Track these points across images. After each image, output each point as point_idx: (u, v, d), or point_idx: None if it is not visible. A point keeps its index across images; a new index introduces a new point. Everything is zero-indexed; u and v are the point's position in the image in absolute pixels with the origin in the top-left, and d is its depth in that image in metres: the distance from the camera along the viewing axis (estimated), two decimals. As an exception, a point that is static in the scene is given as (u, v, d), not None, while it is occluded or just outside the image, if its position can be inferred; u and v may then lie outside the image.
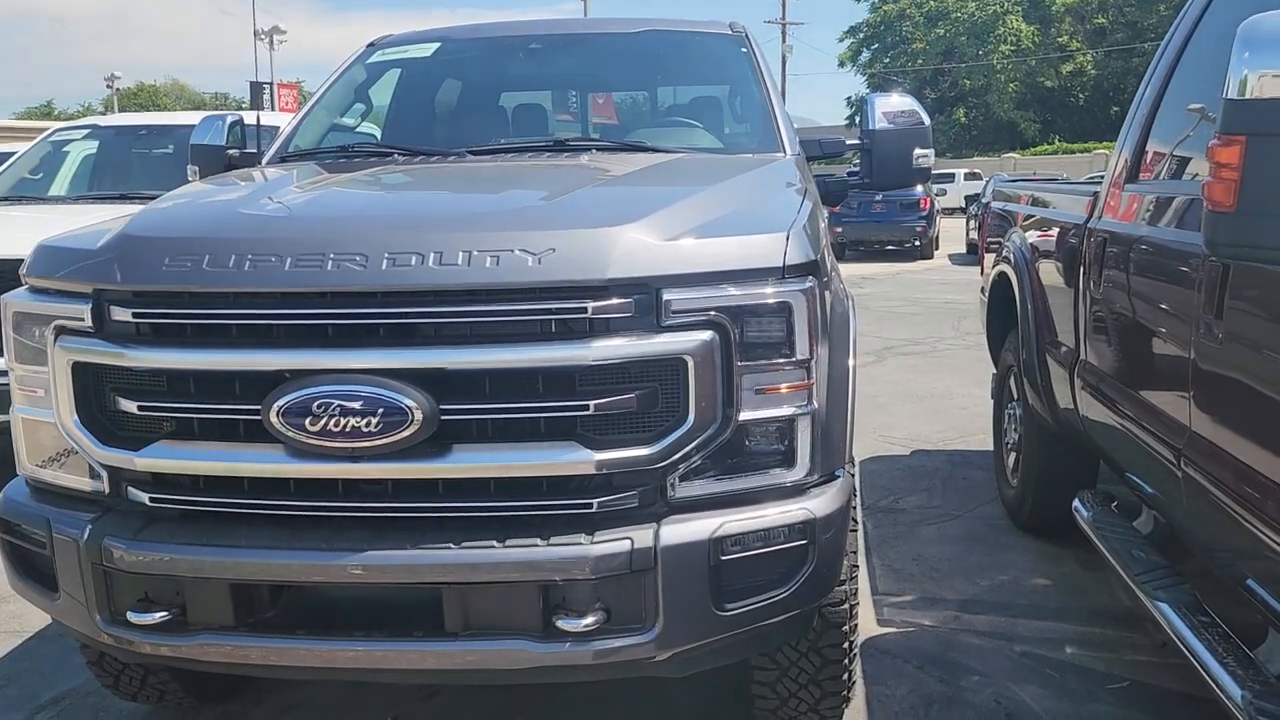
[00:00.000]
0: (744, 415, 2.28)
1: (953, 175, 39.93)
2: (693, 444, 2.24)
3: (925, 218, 22.07)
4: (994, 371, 5.49)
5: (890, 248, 22.17)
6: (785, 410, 2.33)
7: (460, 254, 2.20)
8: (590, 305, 2.18)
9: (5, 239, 5.40)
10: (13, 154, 8.98)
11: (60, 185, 7.51)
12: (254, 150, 4.01)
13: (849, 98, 63.20)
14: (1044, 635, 3.64)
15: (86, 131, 7.63)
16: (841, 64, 59.11)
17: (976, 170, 40.66)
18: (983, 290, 5.67)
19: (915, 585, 4.09)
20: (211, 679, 3.14)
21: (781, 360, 2.31)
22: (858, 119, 3.98)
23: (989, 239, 5.59)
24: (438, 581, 2.20)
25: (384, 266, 2.20)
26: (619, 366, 2.21)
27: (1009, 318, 4.77)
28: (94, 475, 2.40)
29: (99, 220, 2.99)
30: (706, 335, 2.22)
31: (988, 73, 50.72)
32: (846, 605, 2.67)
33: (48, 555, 2.41)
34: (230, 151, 3.95)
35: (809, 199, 2.79)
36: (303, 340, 2.23)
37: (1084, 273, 3.58)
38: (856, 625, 2.76)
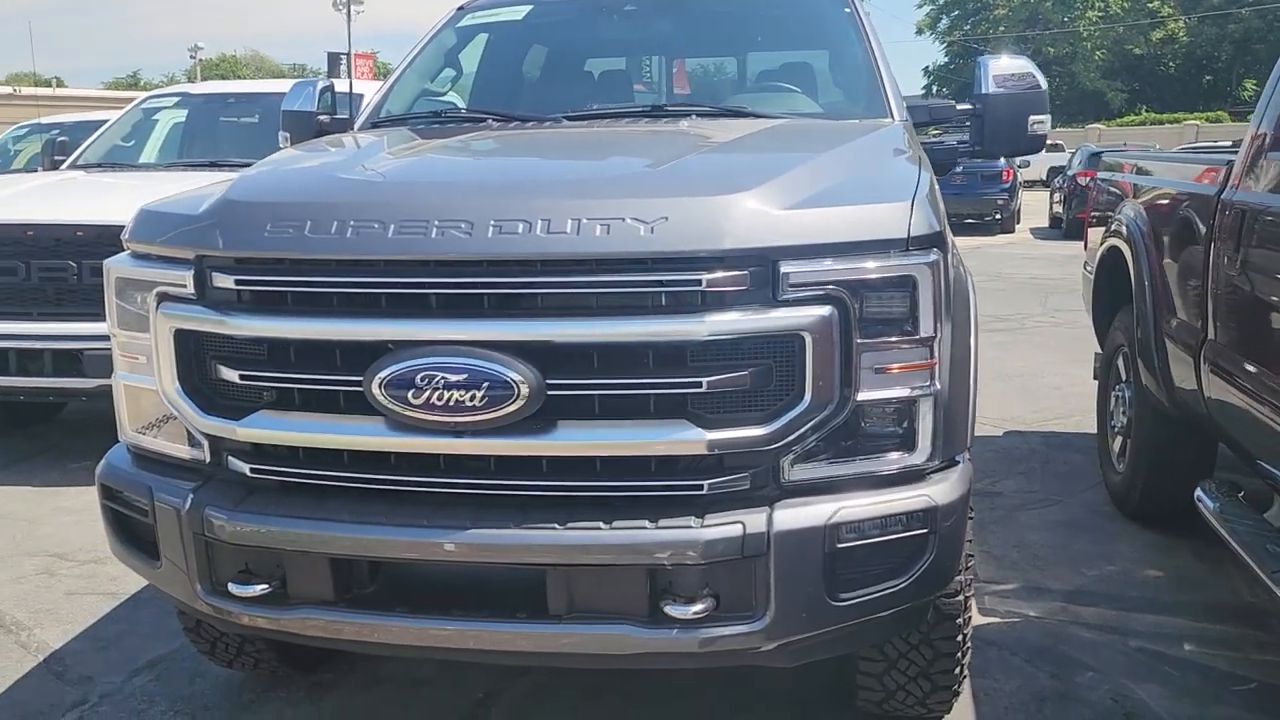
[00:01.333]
0: (862, 395, 2.16)
1: (1035, 146, 38.62)
2: (809, 425, 2.12)
3: (1008, 190, 21.41)
4: (1095, 351, 5.26)
5: (970, 221, 21.54)
6: (906, 391, 2.20)
7: (569, 222, 2.10)
8: (705, 277, 2.06)
9: (107, 205, 5.48)
10: (103, 122, 9.16)
11: (150, 153, 7.61)
12: (344, 116, 3.97)
13: (926, 67, 61.72)
14: (1160, 630, 3.45)
15: (176, 99, 7.72)
16: (920, 31, 57.79)
17: (1059, 142, 39.39)
18: (1086, 265, 5.42)
19: (1018, 573, 3.92)
20: (305, 648, 3.12)
21: (904, 338, 2.18)
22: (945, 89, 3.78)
23: (1096, 212, 5.33)
24: (542, 563, 2.13)
25: (490, 234, 2.11)
26: (733, 342, 2.10)
27: (1120, 295, 4.53)
28: (195, 444, 2.37)
29: (195, 187, 2.96)
30: (825, 310, 2.10)
31: (1073, 40, 49.05)
32: (961, 597, 2.54)
33: (149, 523, 2.39)
34: (321, 117, 3.91)
35: (925, 167, 2.64)
36: (405, 310, 2.16)
37: (1215, 247, 3.35)
38: (970, 618, 2.63)
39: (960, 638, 2.60)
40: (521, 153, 3.01)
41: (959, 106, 3.61)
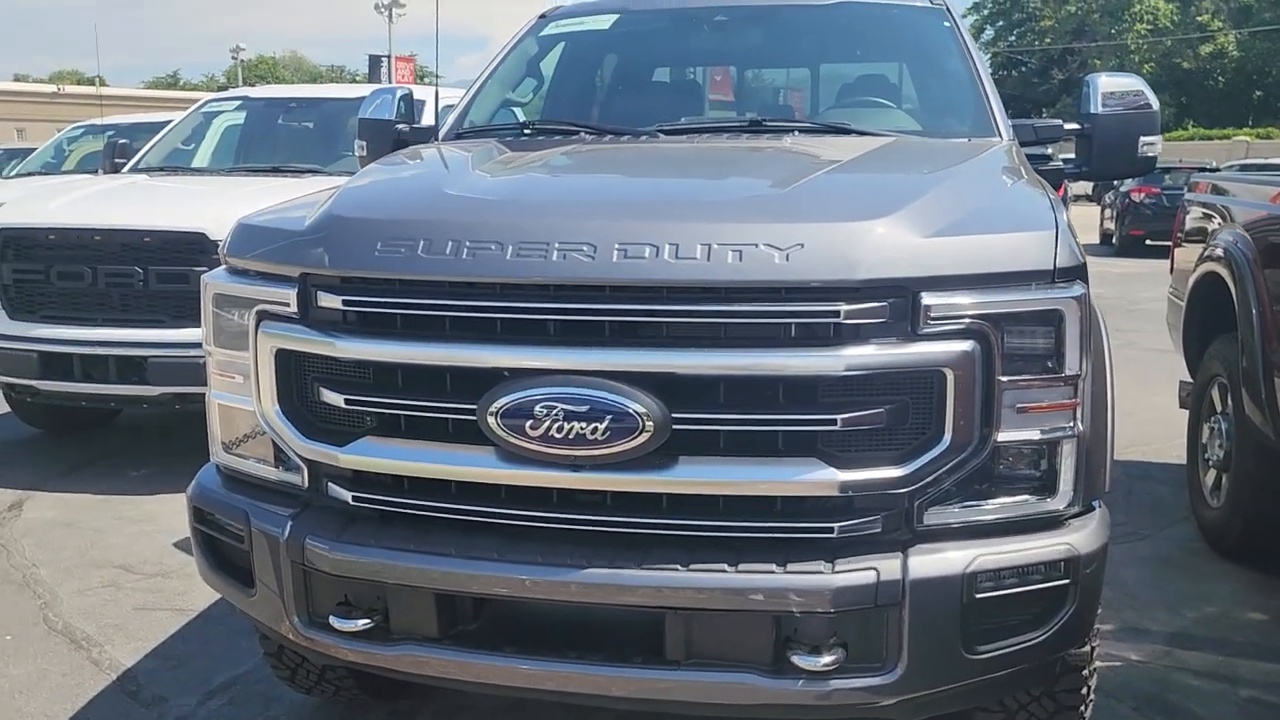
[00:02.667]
0: (1003, 436, 2.03)
1: (1080, 160, 38.11)
2: (947, 466, 2.00)
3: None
4: (1181, 379, 5.07)
5: (1018, 236, 21.19)
6: (1049, 431, 2.07)
7: (699, 247, 1.99)
8: (843, 308, 1.95)
9: (173, 211, 5.45)
10: (157, 124, 9.18)
11: (206, 156, 7.59)
12: (422, 125, 3.89)
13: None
14: (1272, 679, 3.28)
15: (238, 103, 7.69)
16: (963, 42, 57.12)
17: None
18: (1173, 290, 5.24)
19: (1114, 613, 3.75)
20: (385, 677, 3.03)
21: (1048, 376, 2.05)
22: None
23: (1185, 234, 5.14)
24: (662, 605, 2.01)
25: (614, 259, 2.00)
26: (869, 377, 1.98)
27: (1216, 322, 4.36)
28: (292, 468, 2.28)
29: (284, 197, 2.89)
30: (967, 345, 1.97)
31: (1121, 53, 48.38)
32: (1089, 647, 2.40)
33: (244, 550, 2.30)
34: (399, 126, 3.82)
35: (1050, 192, 2.51)
36: (523, 336, 2.06)
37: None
38: (1095, 668, 2.49)
39: (1085, 690, 2.47)
40: (634, 171, 2.90)
41: (1067, 126, 3.46)
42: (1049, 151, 3.58)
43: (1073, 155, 3.50)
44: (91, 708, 3.13)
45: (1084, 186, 33.81)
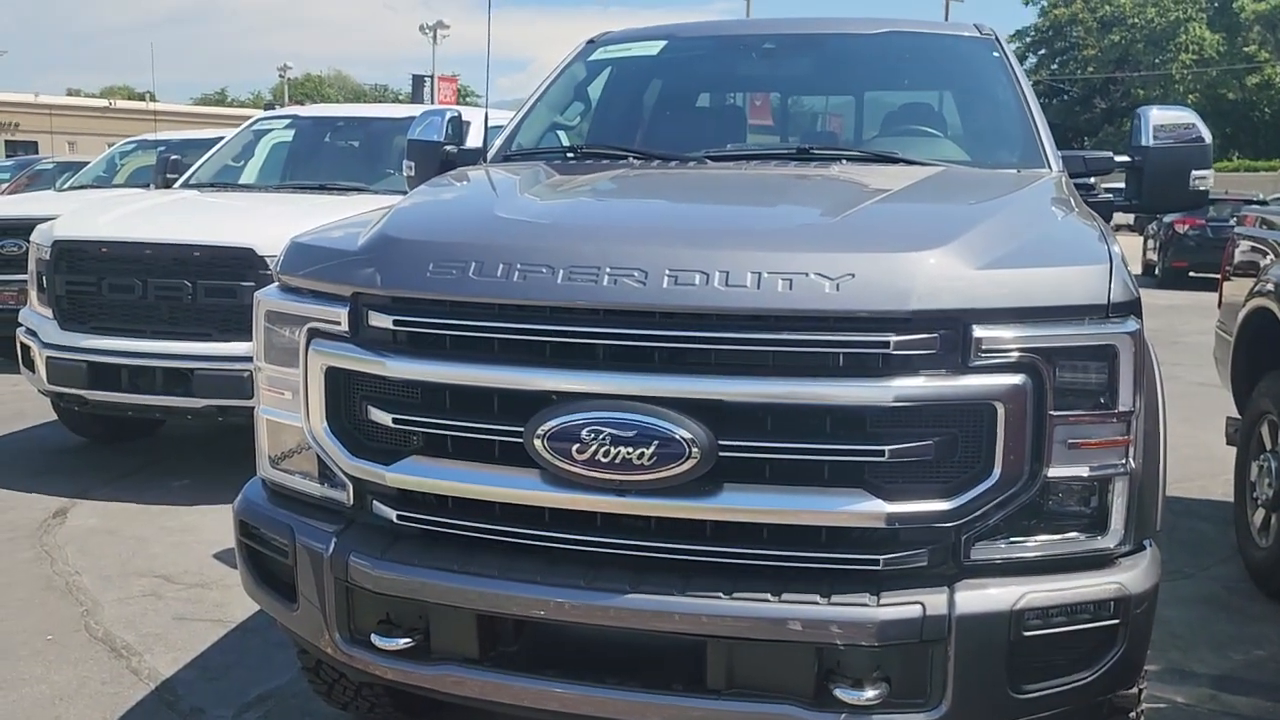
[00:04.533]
0: (1053, 472, 2.01)
1: (1122, 191, 37.72)
2: (996, 501, 1.98)
3: (1099, 235, 20.86)
4: (1229, 415, 4.98)
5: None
6: (1100, 468, 2.04)
7: (749, 275, 1.99)
8: (893, 339, 1.94)
9: (223, 226, 5.53)
10: (207, 141, 9.34)
11: (253, 173, 7.71)
12: (470, 147, 3.92)
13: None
14: (1324, 727, 3.20)
15: (287, 121, 7.82)
16: (1005, 70, 56.84)
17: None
18: (1221, 324, 5.16)
19: (1158, 653, 3.67)
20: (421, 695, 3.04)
21: (1100, 411, 2.03)
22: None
23: (1234, 267, 5.07)
24: (705, 633, 2.00)
25: (665, 285, 2.01)
26: (917, 409, 1.97)
27: (1266, 358, 4.29)
28: (338, 485, 2.30)
29: (329, 215, 2.92)
30: (1018, 379, 1.95)
31: (1165, 83, 47.91)
32: (1137, 689, 2.36)
33: (288, 565, 2.32)
34: (447, 147, 3.86)
35: (1100, 224, 2.49)
36: (571, 360, 2.06)
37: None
38: (1144, 711, 2.44)
39: (1133, 733, 2.41)
40: (683, 197, 2.91)
41: (1117, 159, 3.43)
42: (1092, 182, 3.56)
43: (1119, 185, 3.47)
44: (130, 717, 3.15)
45: (1125, 217, 33.44)
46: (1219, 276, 5.48)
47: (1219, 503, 5.29)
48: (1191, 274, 18.32)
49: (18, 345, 5.77)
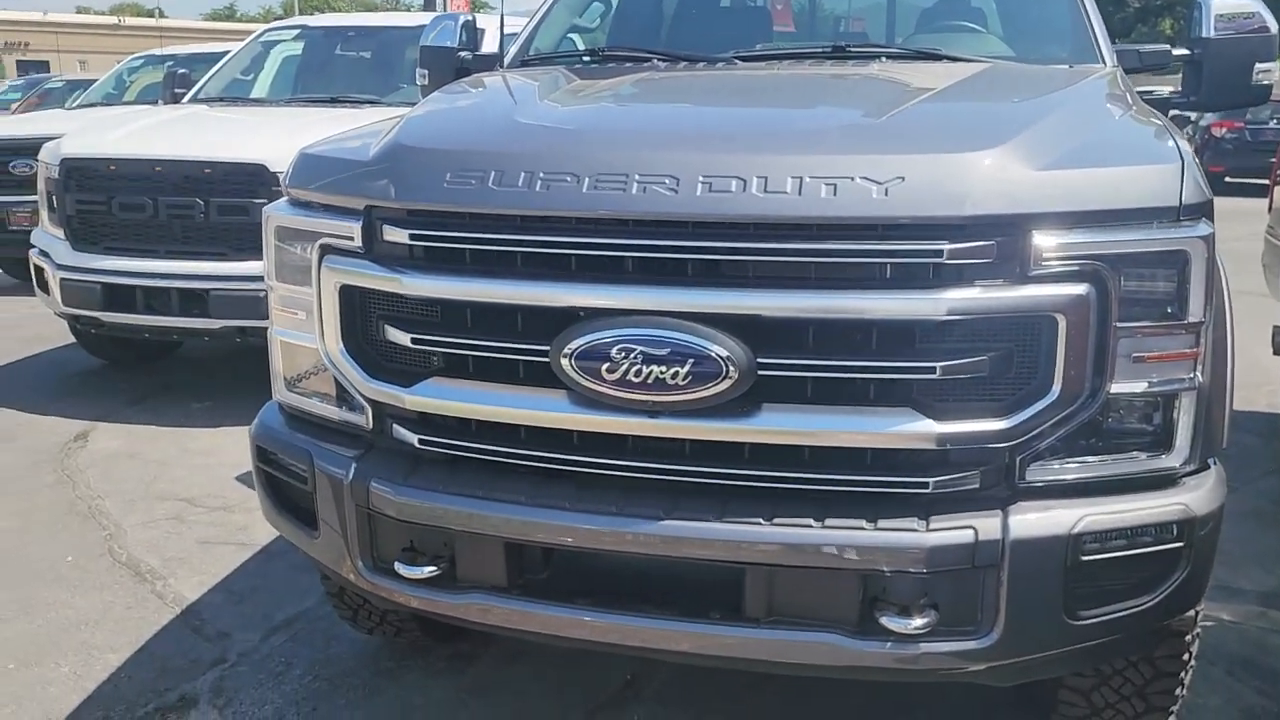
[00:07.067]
0: (1116, 387, 1.88)
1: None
2: (1054, 419, 1.86)
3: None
4: (1275, 324, 4.80)
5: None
6: (1167, 383, 1.91)
7: (789, 180, 1.84)
8: (946, 248, 1.80)
9: (232, 142, 5.38)
10: (215, 55, 9.10)
11: (264, 86, 7.49)
12: (485, 53, 3.74)
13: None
14: (1376, 645, 3.11)
15: (296, 32, 7.56)
16: None
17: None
18: (1271, 230, 4.95)
19: (1203, 570, 3.58)
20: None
21: (1169, 322, 1.89)
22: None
23: (1286, 171, 4.83)
24: (742, 560, 1.90)
25: (698, 192, 1.86)
26: (971, 323, 1.83)
27: (1321, 266, 4.09)
28: (356, 408, 2.20)
29: (342, 128, 2.78)
30: (1082, 289, 1.81)
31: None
32: (1193, 613, 2.25)
33: (308, 491, 2.23)
34: (462, 54, 3.68)
35: (1165, 121, 2.31)
36: (599, 274, 1.93)
37: None
38: (1199, 633, 2.34)
39: (1186, 655, 2.33)
40: (715, 100, 2.73)
41: (1175, 52, 3.21)
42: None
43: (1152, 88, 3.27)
44: (156, 641, 3.13)
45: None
46: (1269, 181, 5.24)
47: (1263, 415, 5.16)
48: (1228, 179, 17.78)
49: (31, 267, 5.69)
